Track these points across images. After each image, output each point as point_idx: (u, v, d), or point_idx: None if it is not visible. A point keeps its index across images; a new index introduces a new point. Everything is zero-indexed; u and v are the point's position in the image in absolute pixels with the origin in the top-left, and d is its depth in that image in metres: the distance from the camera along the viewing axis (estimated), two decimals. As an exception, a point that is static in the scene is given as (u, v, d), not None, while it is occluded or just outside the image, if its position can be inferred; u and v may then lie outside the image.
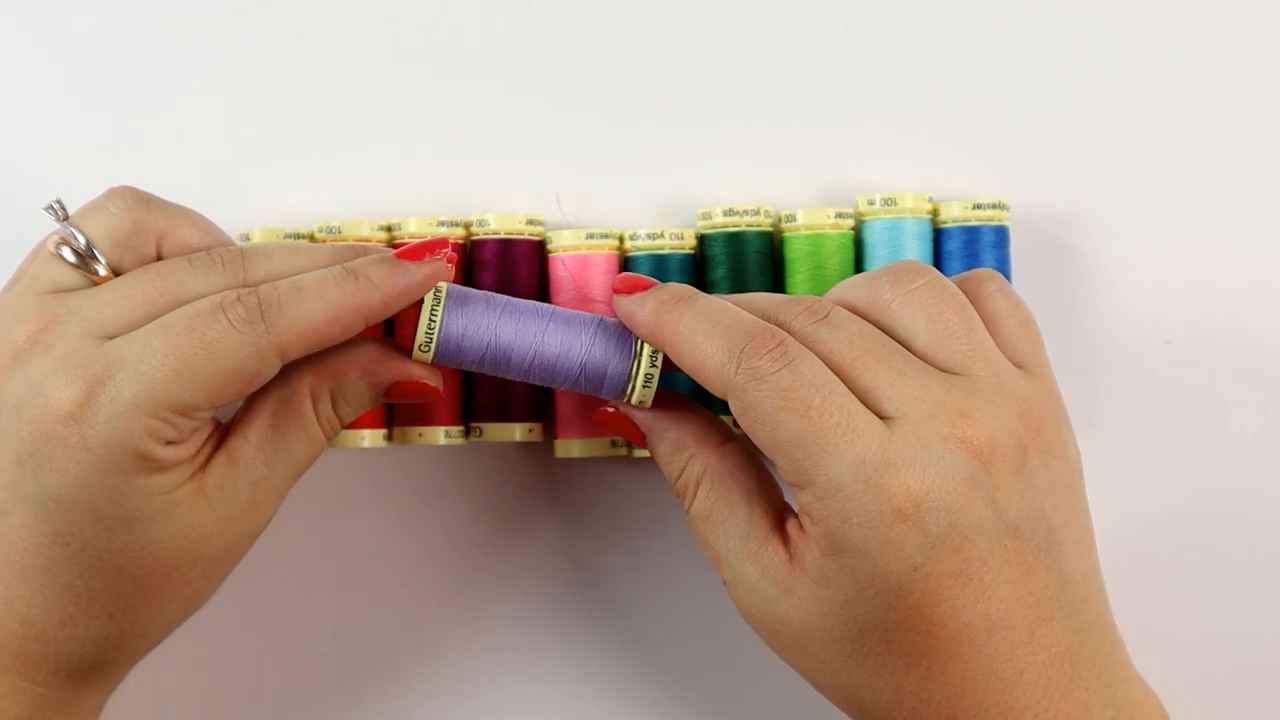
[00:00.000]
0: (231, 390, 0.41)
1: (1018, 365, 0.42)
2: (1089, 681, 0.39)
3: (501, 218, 0.50)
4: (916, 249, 0.50)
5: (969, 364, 0.41)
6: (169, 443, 0.41)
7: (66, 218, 0.43)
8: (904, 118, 0.53)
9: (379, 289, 0.42)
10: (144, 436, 0.40)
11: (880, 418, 0.39)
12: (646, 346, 0.44)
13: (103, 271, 0.42)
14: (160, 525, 0.41)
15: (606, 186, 0.52)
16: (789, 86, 0.53)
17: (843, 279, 0.50)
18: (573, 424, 0.49)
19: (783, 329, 0.41)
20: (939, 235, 0.51)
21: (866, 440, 0.39)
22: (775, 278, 0.51)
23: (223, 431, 0.44)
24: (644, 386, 0.44)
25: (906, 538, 0.38)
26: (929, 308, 0.42)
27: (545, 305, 0.45)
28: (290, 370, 0.44)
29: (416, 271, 0.43)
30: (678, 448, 0.44)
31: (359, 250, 0.45)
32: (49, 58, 0.53)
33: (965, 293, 0.43)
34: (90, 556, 0.41)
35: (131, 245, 0.43)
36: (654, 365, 0.44)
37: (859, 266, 0.51)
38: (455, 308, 0.44)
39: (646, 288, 0.44)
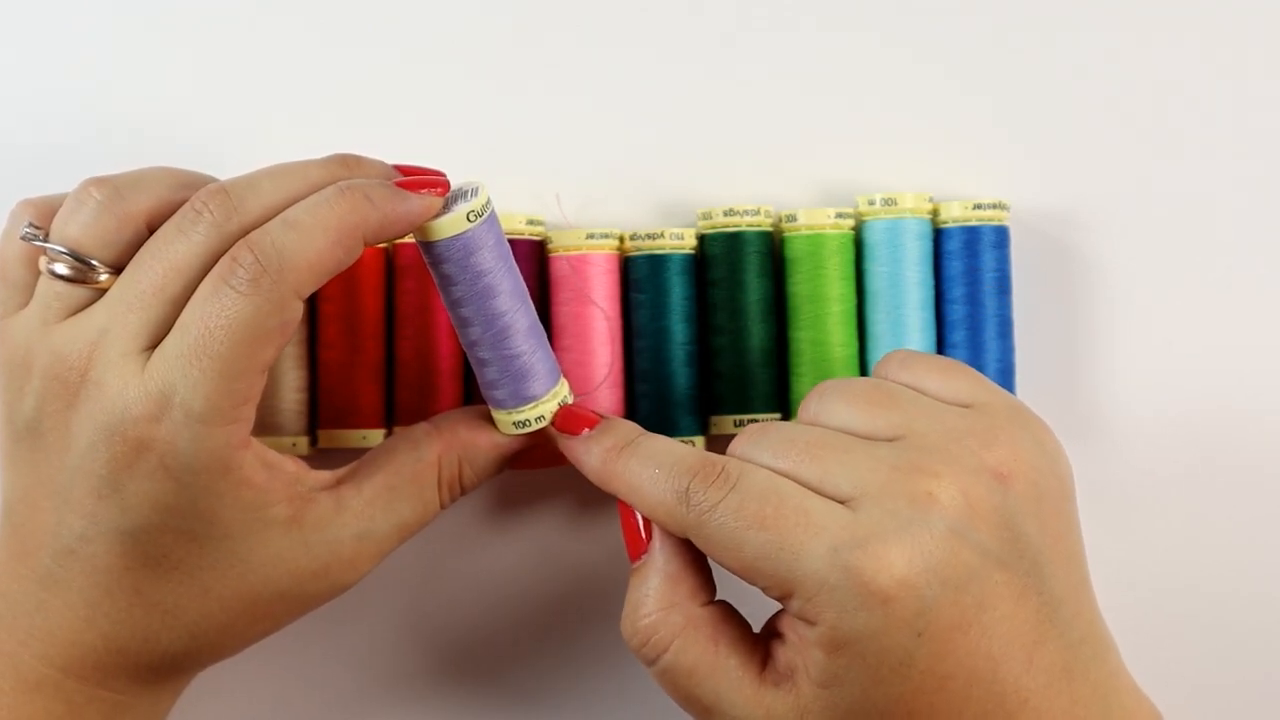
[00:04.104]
0: (271, 349, 0.40)
1: (961, 406, 0.42)
2: (1085, 697, 0.39)
3: (501, 218, 0.49)
4: (916, 249, 0.50)
5: (909, 424, 0.40)
6: (247, 445, 0.41)
7: (48, 236, 0.42)
8: (904, 118, 0.53)
9: (377, 208, 0.41)
10: (225, 446, 0.40)
11: (840, 502, 0.39)
12: (562, 391, 0.45)
13: (104, 277, 0.41)
14: (251, 546, 0.41)
15: (606, 186, 0.52)
16: (789, 86, 0.53)
17: (843, 279, 0.50)
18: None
19: (729, 453, 0.41)
20: (939, 235, 0.51)
21: (832, 529, 0.38)
22: (775, 278, 0.51)
23: (337, 478, 0.44)
24: (537, 420, 0.45)
25: (904, 608, 0.37)
26: (845, 398, 0.41)
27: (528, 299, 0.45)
28: (420, 437, 0.45)
29: (416, 201, 0.42)
30: (665, 592, 0.42)
31: (350, 163, 0.43)
32: (47, 53, 0.53)
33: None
34: (182, 574, 0.41)
35: (121, 239, 0.42)
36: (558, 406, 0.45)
37: (859, 266, 0.51)
38: (496, 223, 0.43)
39: (590, 424, 0.44)
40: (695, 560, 0.42)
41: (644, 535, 0.42)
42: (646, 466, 0.42)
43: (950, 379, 0.42)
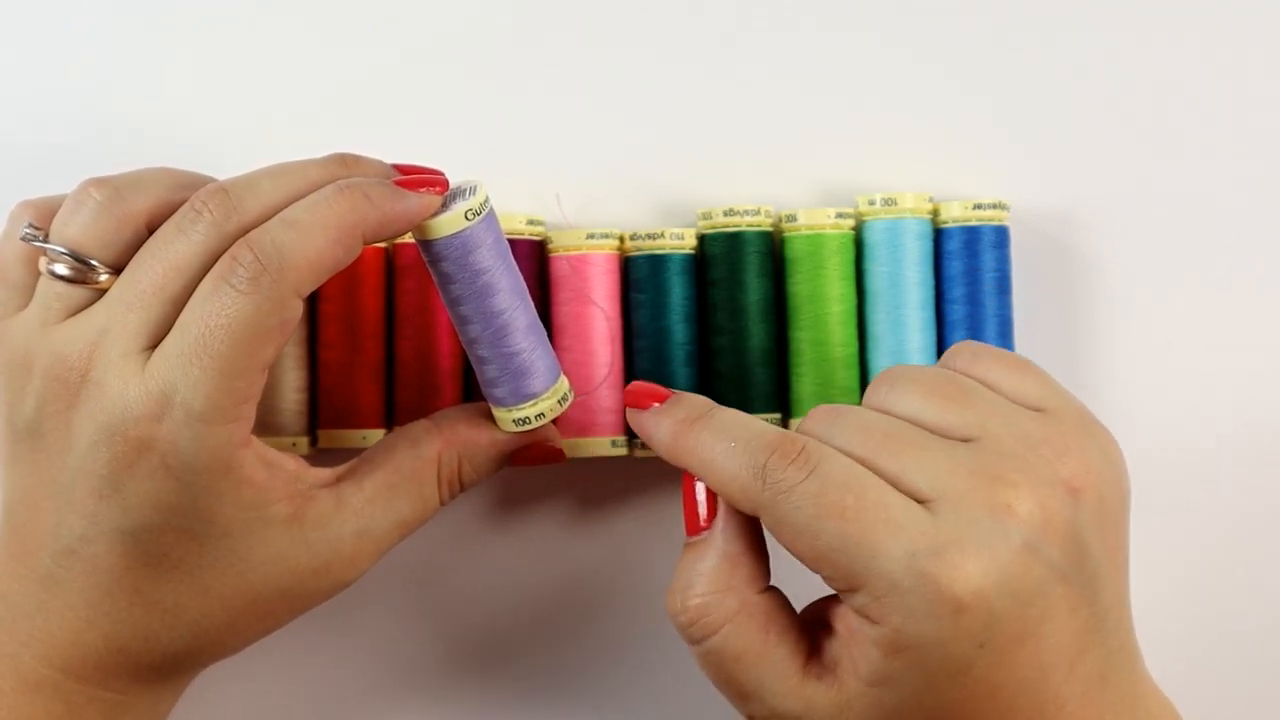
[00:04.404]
0: (271, 348, 0.40)
1: (1032, 409, 0.41)
2: (1115, 703, 0.39)
3: (501, 218, 0.49)
4: (917, 249, 0.50)
5: (984, 425, 0.40)
6: (248, 444, 0.41)
7: (47, 237, 0.42)
8: (904, 118, 0.53)
9: (376, 206, 0.41)
10: (226, 445, 0.40)
11: (918, 500, 0.38)
12: (562, 388, 0.45)
13: (104, 278, 0.41)
14: (252, 545, 0.41)
15: (606, 186, 0.52)
16: (789, 86, 0.53)
17: (843, 279, 0.50)
18: (573, 423, 0.49)
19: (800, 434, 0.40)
20: (939, 235, 0.51)
21: (911, 531, 0.37)
22: (775, 278, 0.51)
23: (337, 475, 0.44)
24: (537, 418, 0.45)
25: (974, 620, 0.37)
26: (919, 391, 0.41)
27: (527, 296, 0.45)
28: (420, 434, 0.45)
29: (415, 200, 0.42)
30: (722, 573, 0.41)
31: (349, 162, 0.43)
32: (47, 53, 0.53)
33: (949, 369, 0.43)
34: (183, 573, 0.41)
35: (121, 240, 0.42)
36: (560, 406, 0.45)
37: (859, 266, 0.51)
38: (494, 221, 0.43)
39: (660, 399, 0.43)
40: (756, 544, 0.42)
41: (705, 511, 0.42)
42: (721, 439, 0.41)
43: (1022, 378, 0.42)
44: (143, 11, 0.53)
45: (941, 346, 0.51)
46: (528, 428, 0.45)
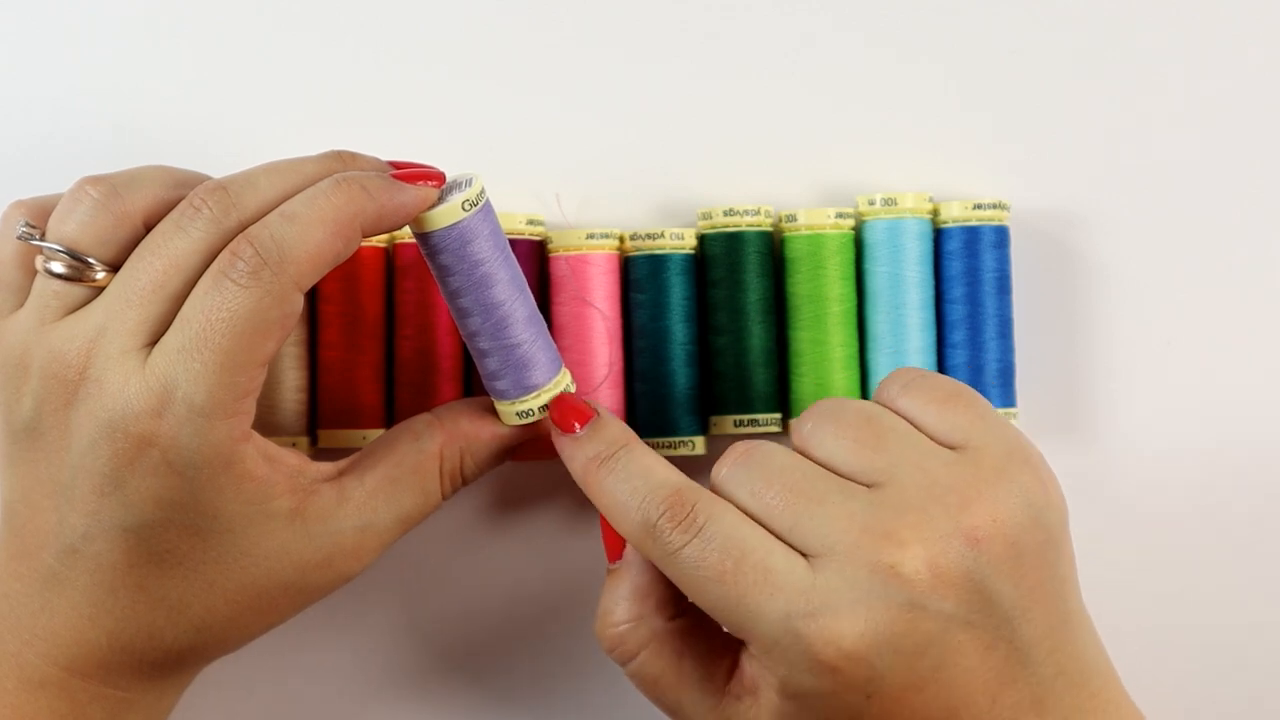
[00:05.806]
0: (272, 343, 0.40)
1: (953, 447, 0.41)
2: None
3: (501, 217, 0.49)
4: (916, 249, 0.50)
5: (892, 470, 0.40)
6: (249, 438, 0.41)
7: (44, 235, 0.42)
8: (904, 118, 0.53)
9: (374, 198, 0.41)
10: (227, 440, 0.40)
11: (806, 554, 0.39)
12: (564, 380, 0.45)
13: (101, 275, 0.41)
14: (255, 539, 0.41)
15: (606, 186, 0.52)
16: (789, 86, 0.53)
17: (843, 279, 0.50)
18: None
19: (712, 477, 0.42)
20: (939, 235, 0.51)
21: (788, 592, 0.38)
22: (775, 278, 0.51)
23: (339, 469, 0.44)
24: (540, 410, 0.45)
25: (852, 676, 0.38)
26: (836, 430, 0.41)
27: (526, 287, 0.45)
28: (422, 428, 0.45)
29: (412, 192, 0.42)
30: (634, 604, 0.43)
31: (345, 158, 0.44)
32: (47, 53, 0.53)
33: (880, 402, 0.43)
34: (186, 569, 0.41)
35: (119, 237, 0.41)
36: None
37: (859, 266, 0.51)
38: (491, 213, 0.44)
39: (583, 418, 0.44)
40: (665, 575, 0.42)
41: (621, 540, 0.43)
42: (623, 488, 0.42)
43: (948, 412, 0.42)
44: (142, 11, 0.53)
45: (942, 346, 0.51)
46: (530, 420, 0.45)
